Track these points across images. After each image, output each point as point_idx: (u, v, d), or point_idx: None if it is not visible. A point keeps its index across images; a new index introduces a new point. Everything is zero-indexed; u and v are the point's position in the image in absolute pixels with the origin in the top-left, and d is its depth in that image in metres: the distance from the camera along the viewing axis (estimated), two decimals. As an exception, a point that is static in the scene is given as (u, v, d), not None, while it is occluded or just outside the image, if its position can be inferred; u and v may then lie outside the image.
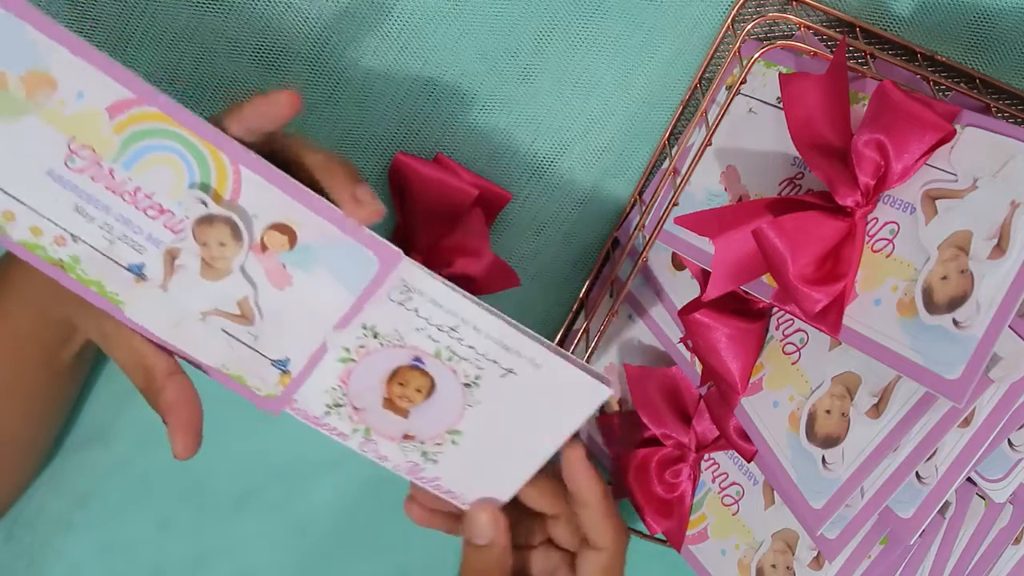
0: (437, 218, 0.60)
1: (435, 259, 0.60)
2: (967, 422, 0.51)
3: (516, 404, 0.52)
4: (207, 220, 0.48)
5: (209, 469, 0.70)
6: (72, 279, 0.49)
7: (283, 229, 0.48)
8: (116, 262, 0.49)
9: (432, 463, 0.54)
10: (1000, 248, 0.47)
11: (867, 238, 0.52)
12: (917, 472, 0.52)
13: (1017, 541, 0.57)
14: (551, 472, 0.55)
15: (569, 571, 0.57)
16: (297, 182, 0.47)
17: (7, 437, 0.62)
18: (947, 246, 0.48)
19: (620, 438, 0.66)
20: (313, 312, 0.50)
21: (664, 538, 0.65)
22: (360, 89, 0.59)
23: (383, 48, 0.58)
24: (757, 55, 0.57)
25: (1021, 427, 0.52)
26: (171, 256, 0.49)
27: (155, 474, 0.69)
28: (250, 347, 0.51)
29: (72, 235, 0.48)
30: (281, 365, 0.51)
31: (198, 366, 0.51)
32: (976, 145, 0.49)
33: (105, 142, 0.47)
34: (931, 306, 0.48)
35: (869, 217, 0.52)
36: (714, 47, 0.62)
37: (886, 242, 0.51)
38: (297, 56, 0.57)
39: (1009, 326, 0.49)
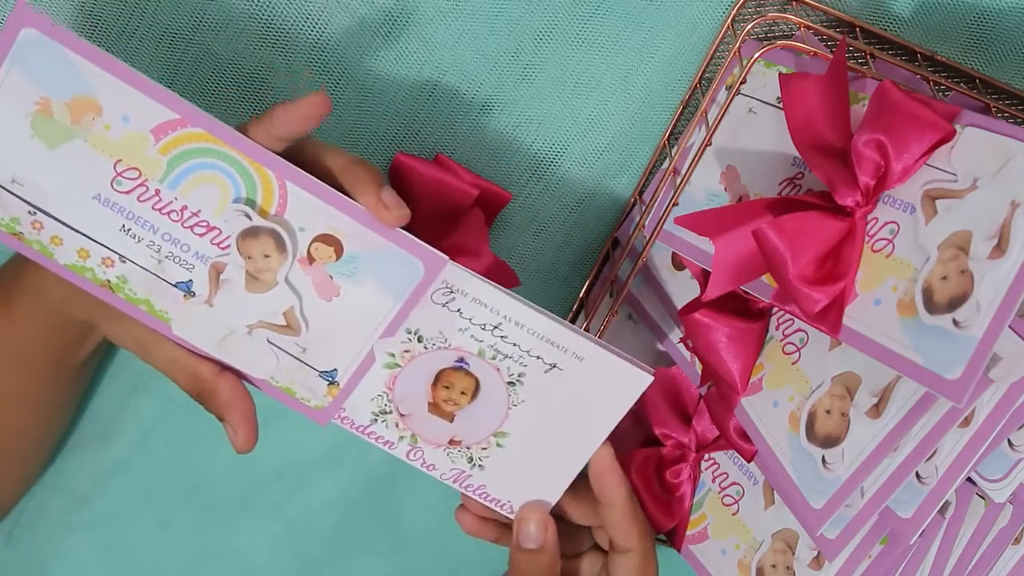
0: (437, 218, 0.60)
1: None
2: (967, 422, 0.51)
3: (560, 400, 0.52)
4: (251, 233, 0.48)
5: (209, 469, 0.70)
6: (120, 299, 0.50)
7: (329, 240, 0.49)
8: (164, 280, 0.50)
9: (479, 469, 0.54)
10: (1000, 248, 0.46)
11: (867, 238, 0.52)
12: (917, 472, 0.52)
13: (1017, 541, 0.57)
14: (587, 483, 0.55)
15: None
16: (341, 193, 0.48)
17: (15, 437, 0.63)
18: (947, 246, 0.48)
19: (620, 438, 0.66)
20: (360, 321, 0.50)
21: (664, 538, 0.65)
22: (360, 89, 0.59)
23: (383, 48, 0.58)
24: (757, 55, 0.57)
25: (1021, 427, 0.52)
26: (216, 271, 0.49)
27: (155, 474, 0.69)
28: (298, 359, 0.51)
29: (120, 255, 0.49)
30: (329, 376, 0.52)
31: (246, 379, 0.52)
32: (976, 145, 0.49)
33: (151, 163, 0.48)
34: (931, 306, 0.48)
35: (869, 217, 0.52)
36: (714, 47, 0.62)
37: (886, 242, 0.51)
38: (297, 56, 0.57)
39: (1009, 326, 0.49)
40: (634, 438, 0.65)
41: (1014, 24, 0.60)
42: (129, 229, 0.49)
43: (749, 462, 0.60)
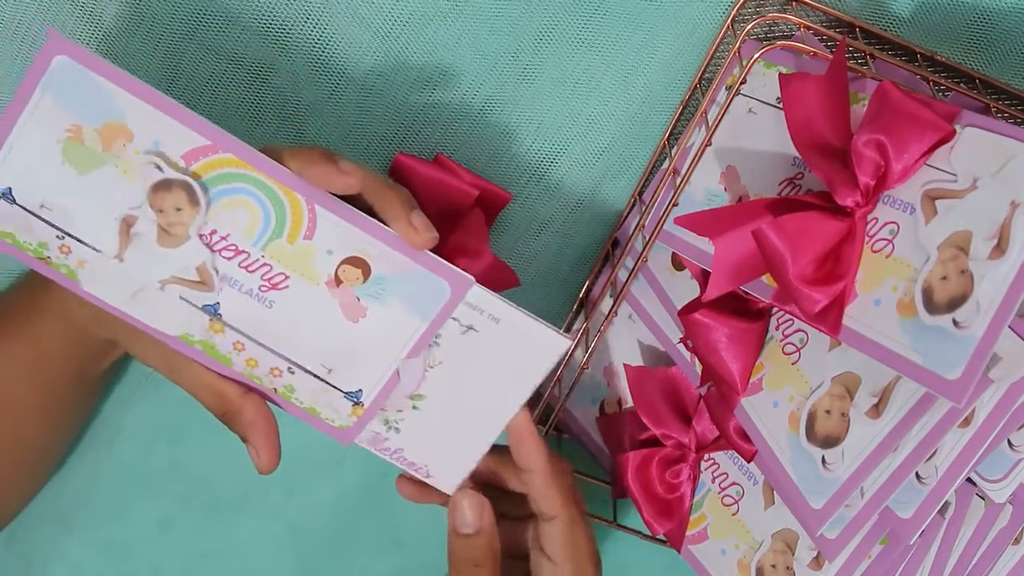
0: (437, 218, 0.60)
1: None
2: (967, 422, 0.51)
3: (478, 363, 0.52)
4: (163, 185, 0.48)
5: (209, 469, 0.70)
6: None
7: (357, 263, 0.49)
8: (192, 303, 0.50)
9: (395, 432, 0.53)
10: (1000, 248, 0.47)
11: (867, 238, 0.52)
12: (917, 472, 0.52)
13: (1017, 541, 0.57)
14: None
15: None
16: (370, 217, 0.48)
17: (33, 450, 0.63)
18: (947, 246, 0.48)
19: (620, 438, 0.66)
20: (386, 341, 0.51)
21: (664, 538, 0.65)
22: (360, 89, 0.59)
23: (383, 48, 0.58)
24: (757, 55, 0.57)
25: (1021, 427, 0.52)
26: (127, 225, 0.49)
27: (155, 474, 0.69)
28: (323, 380, 0.52)
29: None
30: (354, 397, 0.52)
31: (271, 400, 0.52)
32: (976, 145, 0.49)
33: None
34: (931, 306, 0.48)
35: (869, 217, 0.52)
36: (714, 47, 0.62)
37: (886, 242, 0.51)
38: (298, 55, 0.57)
39: (1009, 326, 0.49)
40: (634, 438, 0.65)
41: (1014, 24, 0.60)
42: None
43: (749, 462, 0.60)
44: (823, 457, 0.53)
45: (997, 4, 0.60)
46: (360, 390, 0.52)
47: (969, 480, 0.54)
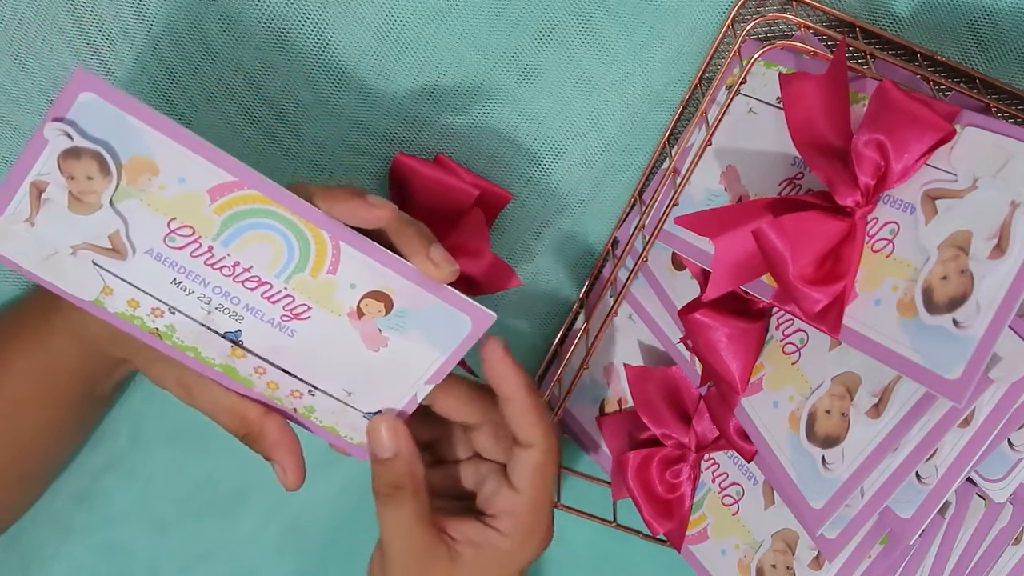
0: (437, 218, 0.60)
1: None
2: (967, 422, 0.51)
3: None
4: (73, 153, 0.47)
5: (209, 469, 0.70)
6: (168, 346, 0.52)
7: (380, 297, 0.50)
8: (213, 331, 0.51)
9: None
10: (1000, 248, 0.46)
11: (867, 238, 0.52)
12: (917, 472, 0.52)
13: (1017, 541, 0.57)
14: (469, 382, 0.55)
15: (499, 478, 0.55)
16: (393, 254, 0.49)
17: (41, 463, 0.63)
18: (947, 246, 0.48)
19: (620, 438, 0.66)
20: (407, 369, 0.52)
21: (664, 538, 0.65)
22: (360, 89, 0.59)
23: (383, 48, 0.58)
24: (757, 55, 0.57)
25: (1021, 427, 0.52)
26: (38, 190, 0.49)
27: (155, 474, 0.69)
28: (343, 402, 0.53)
29: (169, 307, 0.50)
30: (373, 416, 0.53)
31: (291, 419, 0.53)
32: (976, 145, 0.49)
33: (205, 222, 0.49)
34: (931, 306, 0.48)
35: (869, 217, 0.52)
36: (714, 47, 0.62)
37: (886, 242, 0.51)
38: (298, 55, 0.57)
39: (1009, 326, 0.49)
40: (634, 438, 0.65)
41: (1014, 24, 0.60)
42: (180, 282, 0.50)
43: (749, 462, 0.60)
44: (823, 457, 0.53)
45: (997, 4, 0.60)
46: (380, 411, 0.53)
47: (969, 480, 0.54)
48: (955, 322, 0.47)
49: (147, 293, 0.50)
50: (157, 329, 0.51)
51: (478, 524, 0.55)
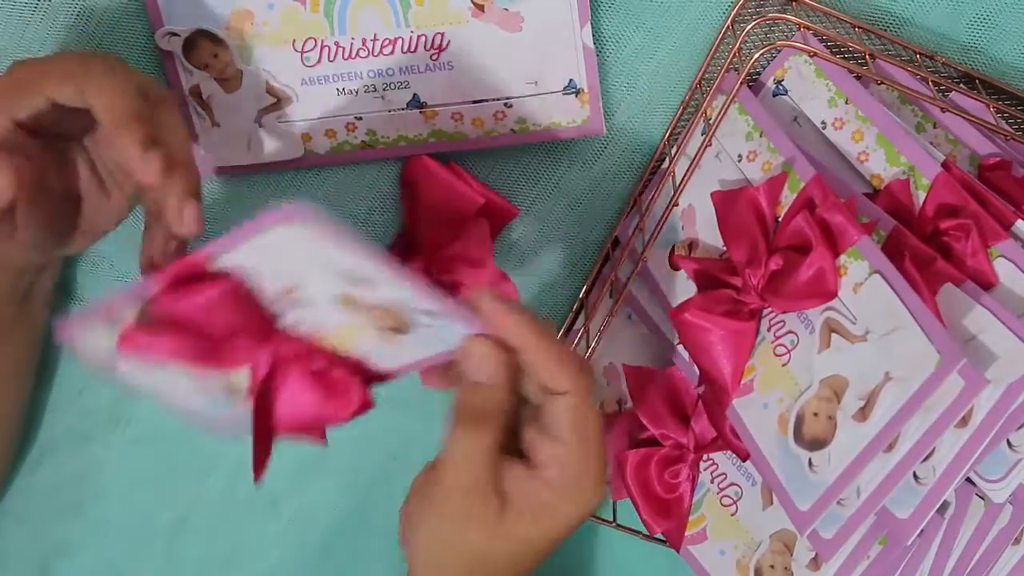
0: (443, 223, 0.60)
1: (437, 266, 0.60)
2: (965, 422, 0.51)
3: None
4: (189, 45, 0.51)
5: (209, 470, 0.70)
6: (381, 151, 0.56)
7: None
8: (399, 109, 0.54)
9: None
10: (863, 413, 0.50)
11: (772, 339, 0.55)
12: (915, 472, 0.52)
13: (1017, 541, 0.57)
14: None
15: (543, 427, 0.48)
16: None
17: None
18: (827, 385, 0.51)
19: (619, 438, 0.66)
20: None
21: (663, 538, 0.65)
22: (360, 89, 0.59)
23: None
24: (757, 55, 0.57)
25: (1020, 427, 0.52)
26: (197, 93, 0.53)
27: (156, 475, 0.70)
28: (538, 94, 0.56)
29: (354, 115, 0.54)
30: (571, 87, 0.56)
31: (520, 141, 0.58)
32: (878, 295, 0.50)
33: (314, 25, 0.51)
34: (798, 436, 0.52)
35: (775, 319, 0.55)
36: (714, 47, 0.62)
37: (785, 351, 0.54)
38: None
39: (1008, 326, 0.49)
40: (633, 438, 0.65)
41: (1014, 24, 0.60)
42: (343, 88, 0.53)
43: (744, 461, 0.60)
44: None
45: (997, 4, 0.60)
46: (572, 80, 0.56)
47: (969, 480, 0.54)
48: (810, 463, 0.51)
49: (331, 116, 0.53)
50: (364, 141, 0.54)
51: (525, 470, 0.49)
